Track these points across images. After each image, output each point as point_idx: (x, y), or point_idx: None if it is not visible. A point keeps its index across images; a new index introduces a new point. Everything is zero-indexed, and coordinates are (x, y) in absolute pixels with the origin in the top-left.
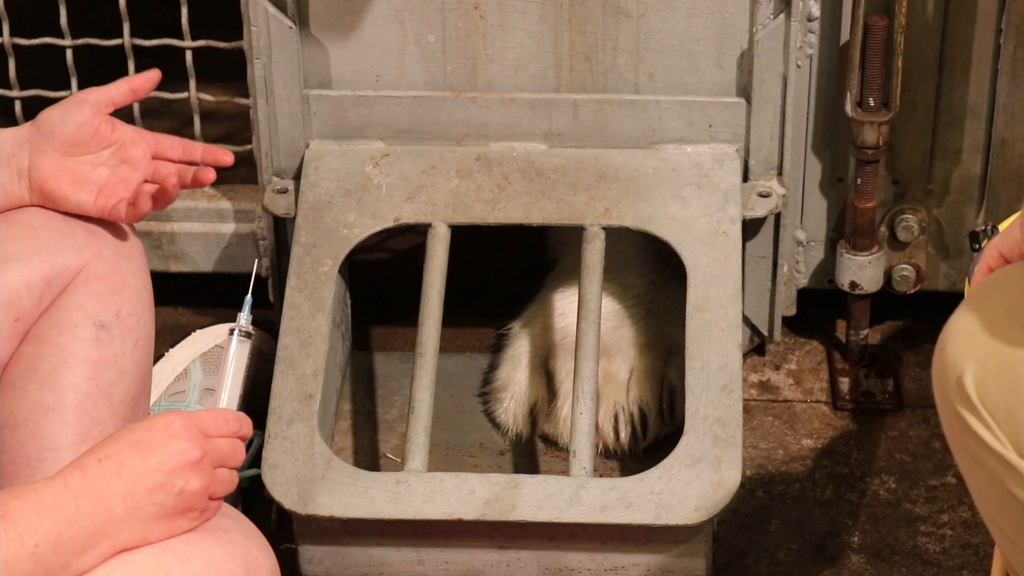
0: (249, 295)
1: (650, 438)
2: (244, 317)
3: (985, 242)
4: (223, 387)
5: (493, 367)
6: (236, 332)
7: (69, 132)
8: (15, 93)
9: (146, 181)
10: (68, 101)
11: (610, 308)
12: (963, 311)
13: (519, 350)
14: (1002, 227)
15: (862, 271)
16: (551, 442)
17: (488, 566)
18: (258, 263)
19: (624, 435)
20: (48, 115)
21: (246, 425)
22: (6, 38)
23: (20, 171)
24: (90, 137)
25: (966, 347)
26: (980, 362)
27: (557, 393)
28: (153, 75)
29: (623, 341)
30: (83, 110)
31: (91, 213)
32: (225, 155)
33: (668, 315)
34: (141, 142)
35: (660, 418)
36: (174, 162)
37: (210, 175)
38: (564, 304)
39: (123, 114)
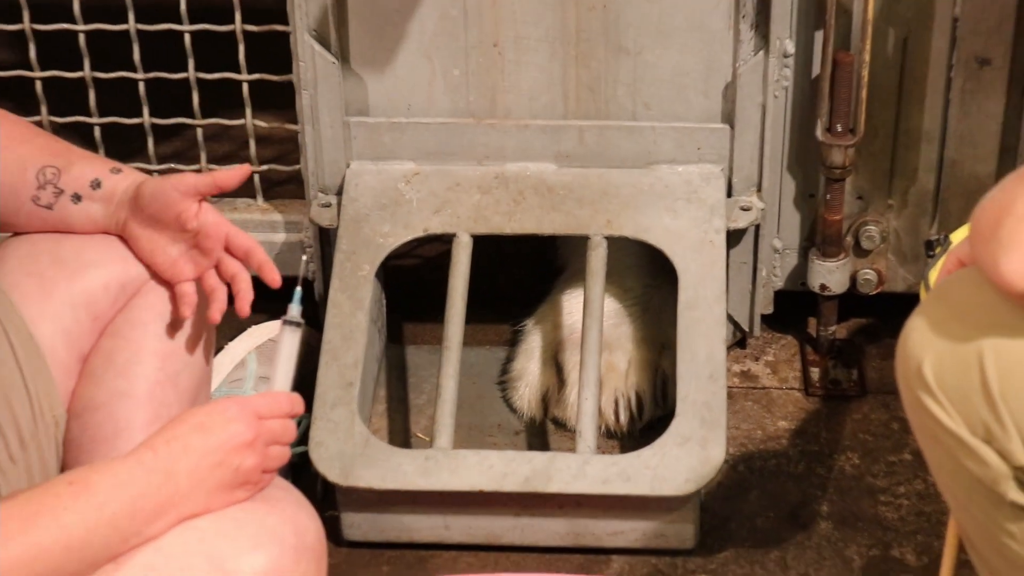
0: (299, 286)
1: (645, 419)
2: (295, 307)
3: (939, 249)
4: (276, 371)
5: (510, 359)
6: (287, 321)
7: (156, 210)
8: (95, 120)
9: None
10: (165, 182)
11: (611, 308)
12: (923, 309)
13: (532, 344)
14: (954, 237)
15: (830, 275)
16: (560, 425)
17: (505, 531)
18: (306, 259)
19: (623, 418)
20: (146, 187)
21: (298, 404)
22: (87, 72)
23: (118, 222)
24: (171, 220)
25: (925, 340)
26: (937, 353)
27: (565, 382)
28: (242, 171)
29: (623, 337)
30: (172, 195)
31: (154, 268)
32: (274, 277)
33: (662, 314)
34: (215, 234)
35: (654, 402)
36: (237, 258)
37: (246, 308)
38: (572, 304)
39: (189, 138)
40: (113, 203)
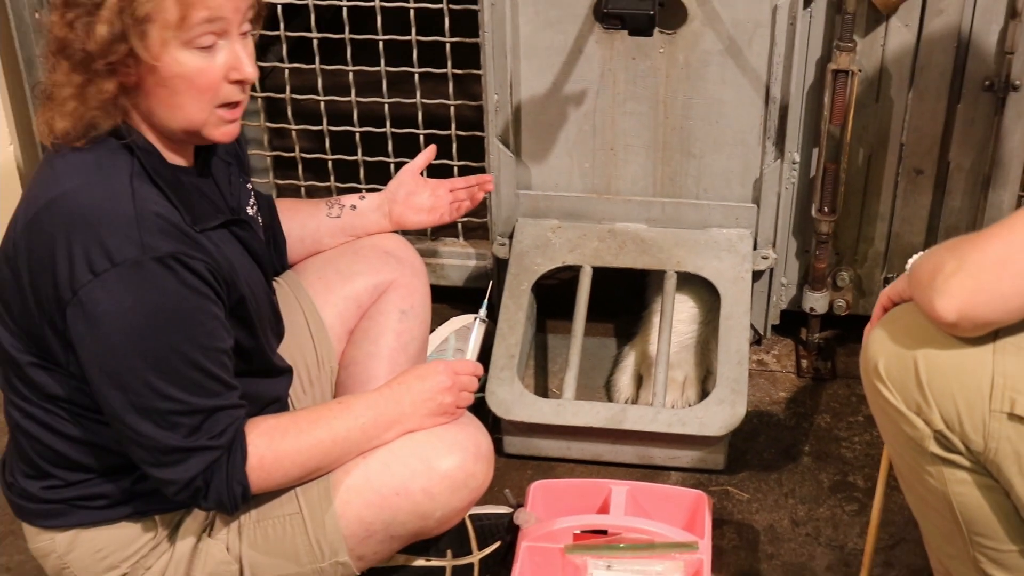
0: (487, 298)
1: (694, 402)
2: (483, 310)
3: None
4: (468, 347)
5: (615, 364)
6: (478, 318)
7: (402, 191)
8: (363, 185)
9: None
10: (400, 176)
11: (675, 341)
12: (878, 328)
13: (627, 363)
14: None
15: (817, 302)
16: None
17: (604, 452)
18: (492, 282)
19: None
20: (391, 185)
21: (479, 369)
22: (359, 155)
23: (385, 214)
24: (413, 187)
25: (880, 348)
26: (888, 356)
27: (643, 387)
28: (431, 150)
29: (682, 361)
30: (406, 177)
31: (427, 225)
32: (488, 183)
33: (707, 345)
34: (442, 186)
35: (702, 391)
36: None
37: (482, 194)
38: (654, 334)
39: None
40: (374, 206)
